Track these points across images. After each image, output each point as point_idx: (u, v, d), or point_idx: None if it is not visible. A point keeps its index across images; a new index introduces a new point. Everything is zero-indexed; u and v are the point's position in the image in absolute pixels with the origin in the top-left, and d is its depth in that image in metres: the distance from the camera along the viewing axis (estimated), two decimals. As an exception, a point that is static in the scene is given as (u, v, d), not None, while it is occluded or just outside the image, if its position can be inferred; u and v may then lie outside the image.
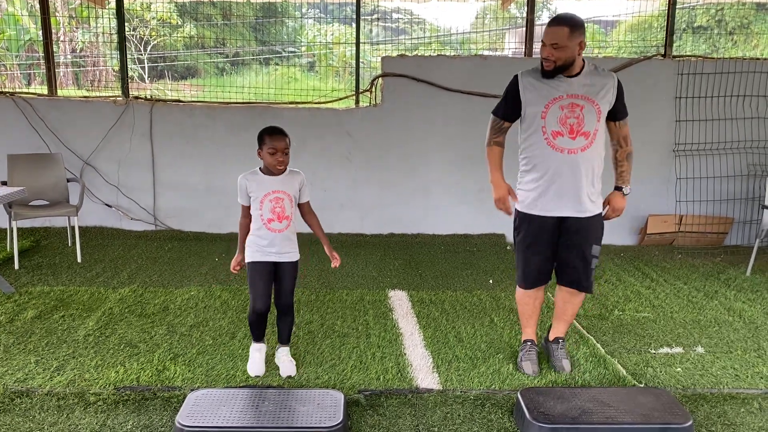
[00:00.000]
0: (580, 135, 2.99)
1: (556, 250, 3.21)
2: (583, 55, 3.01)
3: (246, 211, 3.12)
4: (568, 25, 2.90)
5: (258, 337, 3.24)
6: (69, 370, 3.18)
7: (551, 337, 3.45)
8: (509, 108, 3.15)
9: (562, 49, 2.90)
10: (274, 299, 3.18)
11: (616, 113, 3.10)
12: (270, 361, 3.30)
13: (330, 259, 3.23)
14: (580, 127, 2.99)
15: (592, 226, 3.14)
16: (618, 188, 3.20)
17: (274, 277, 3.14)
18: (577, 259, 3.18)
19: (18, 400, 2.87)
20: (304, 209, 3.21)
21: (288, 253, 3.11)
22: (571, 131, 2.99)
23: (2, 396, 2.89)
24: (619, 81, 3.08)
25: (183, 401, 2.79)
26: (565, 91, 3.00)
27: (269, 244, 3.07)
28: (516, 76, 3.11)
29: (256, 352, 3.23)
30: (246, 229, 3.14)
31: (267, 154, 3.00)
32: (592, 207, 3.11)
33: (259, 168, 3.10)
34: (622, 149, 3.17)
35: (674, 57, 6.19)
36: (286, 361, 3.23)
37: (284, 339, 3.27)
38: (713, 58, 6.19)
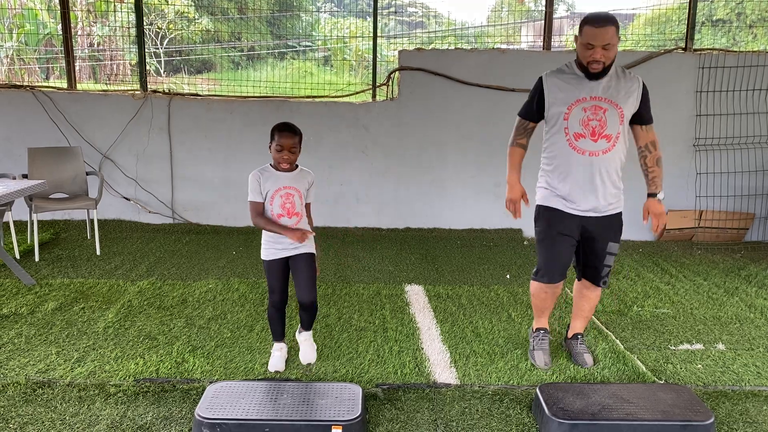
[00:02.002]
0: (601, 138, 2.97)
1: (576, 244, 3.19)
2: None
3: (258, 209, 3.04)
4: (614, 24, 2.87)
5: (278, 335, 3.24)
6: (89, 361, 3.21)
7: (570, 335, 3.45)
8: (534, 109, 3.13)
9: (612, 49, 2.88)
10: (296, 295, 3.16)
11: (641, 117, 3.06)
12: (290, 352, 3.31)
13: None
14: (602, 129, 2.97)
15: (611, 223, 3.13)
16: (652, 194, 3.12)
17: (293, 271, 3.12)
18: (593, 255, 3.18)
19: (40, 390, 2.91)
20: (305, 210, 3.16)
21: (301, 246, 3.07)
22: (593, 134, 2.97)
23: (24, 386, 2.93)
24: (644, 85, 3.04)
25: (202, 393, 2.81)
26: (588, 93, 2.97)
27: (278, 241, 3.05)
28: (541, 78, 3.10)
29: (277, 351, 3.24)
30: (266, 218, 3.04)
31: (274, 150, 3.00)
32: (611, 207, 3.10)
33: (270, 164, 3.08)
34: (651, 154, 3.11)
35: (695, 50, 6.10)
36: (307, 346, 3.25)
37: (307, 326, 3.28)
38: (735, 52, 6.10)
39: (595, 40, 2.87)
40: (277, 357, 3.22)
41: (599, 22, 2.87)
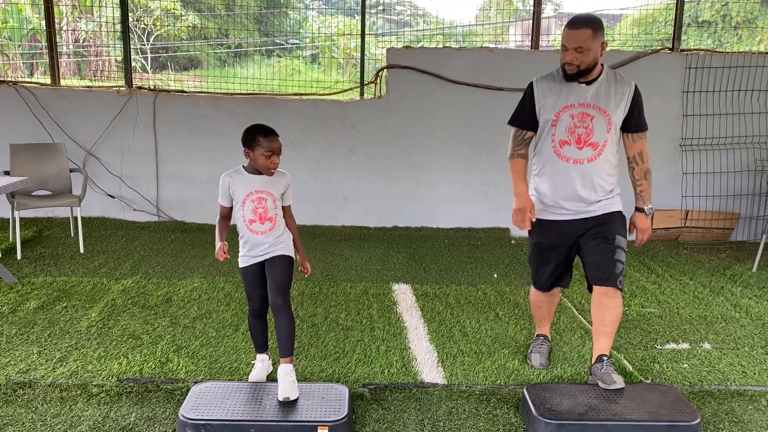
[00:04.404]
0: (587, 145, 2.91)
1: (572, 254, 3.13)
2: None
3: (222, 212, 2.95)
4: (591, 26, 2.80)
5: (260, 346, 3.07)
6: (72, 361, 3.16)
7: (594, 359, 3.03)
8: (528, 116, 3.02)
9: (586, 53, 2.80)
10: (269, 299, 2.93)
11: (630, 124, 2.95)
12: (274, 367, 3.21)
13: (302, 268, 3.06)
14: (588, 137, 2.90)
15: (610, 219, 3.01)
16: (639, 209, 3.05)
17: (267, 273, 2.91)
18: (599, 251, 3.00)
19: (20, 391, 2.86)
20: (285, 213, 2.98)
21: (275, 250, 2.89)
22: (578, 141, 2.91)
23: (5, 387, 2.87)
24: (636, 90, 2.94)
25: (186, 393, 2.77)
26: (577, 100, 2.91)
27: (252, 248, 2.89)
28: (531, 83, 3.02)
29: (259, 363, 3.06)
30: (223, 223, 2.97)
31: (262, 156, 2.77)
32: (603, 207, 3.00)
33: (243, 166, 2.88)
34: (639, 167, 3.01)
35: (682, 51, 6.13)
36: (287, 381, 2.75)
37: (285, 350, 2.82)
38: (721, 52, 6.14)
39: (567, 41, 2.83)
40: (258, 369, 3.04)
41: (573, 25, 2.82)
